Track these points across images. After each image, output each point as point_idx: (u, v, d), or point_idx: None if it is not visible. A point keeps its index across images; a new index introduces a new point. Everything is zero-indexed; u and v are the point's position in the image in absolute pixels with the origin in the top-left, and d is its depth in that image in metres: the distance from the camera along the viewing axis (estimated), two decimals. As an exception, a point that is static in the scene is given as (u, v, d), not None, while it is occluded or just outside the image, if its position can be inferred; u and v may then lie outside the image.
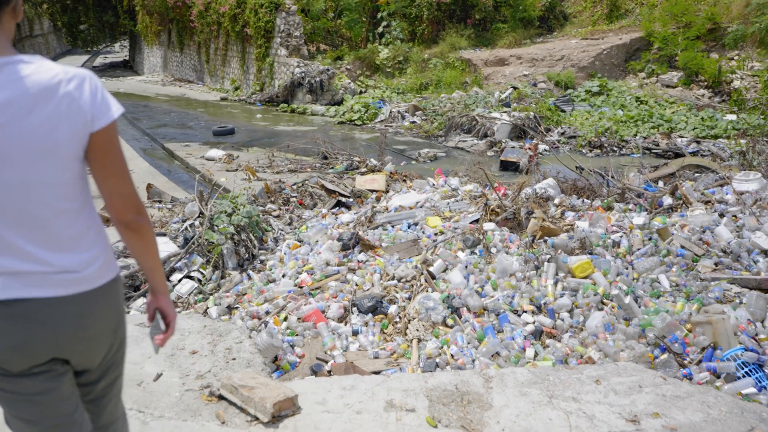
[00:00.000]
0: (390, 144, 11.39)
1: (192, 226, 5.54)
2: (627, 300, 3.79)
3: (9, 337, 1.42)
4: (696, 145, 10.13)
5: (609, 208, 5.67)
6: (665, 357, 3.34)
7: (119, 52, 43.40)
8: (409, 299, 4.21)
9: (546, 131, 11.81)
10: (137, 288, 4.69)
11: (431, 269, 4.47)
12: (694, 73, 14.18)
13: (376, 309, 4.11)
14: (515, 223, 5.15)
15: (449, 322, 3.89)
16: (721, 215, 4.99)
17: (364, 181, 7.27)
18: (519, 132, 11.60)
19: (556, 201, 5.87)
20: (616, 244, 4.68)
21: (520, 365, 3.29)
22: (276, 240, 5.67)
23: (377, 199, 6.76)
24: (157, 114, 16.38)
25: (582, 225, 5.03)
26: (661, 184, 6.48)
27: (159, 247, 4.88)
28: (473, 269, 4.43)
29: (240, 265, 5.18)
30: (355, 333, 3.92)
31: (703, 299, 3.80)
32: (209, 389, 2.74)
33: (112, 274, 1.58)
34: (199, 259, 5.01)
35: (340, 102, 16.55)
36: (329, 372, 3.47)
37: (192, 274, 4.85)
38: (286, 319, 4.09)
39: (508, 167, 9.15)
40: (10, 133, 1.36)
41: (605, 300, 3.94)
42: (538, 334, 3.67)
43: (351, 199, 6.83)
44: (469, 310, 3.92)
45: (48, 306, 1.44)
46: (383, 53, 18.34)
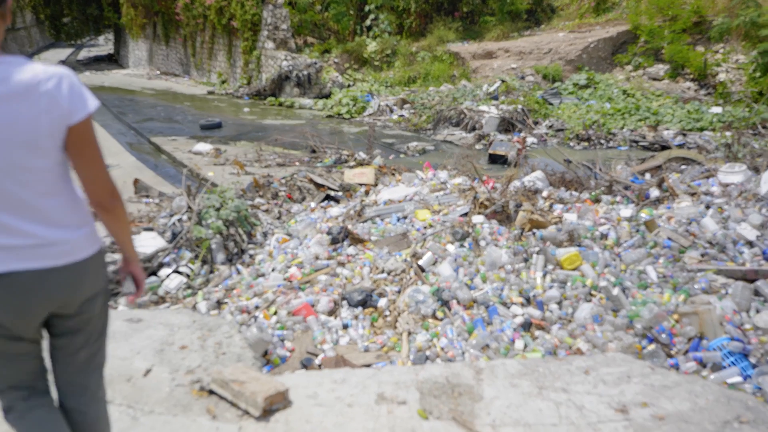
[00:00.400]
0: (379, 137, 11.37)
1: (180, 220, 5.50)
2: (615, 291, 3.82)
3: (7, 307, 1.62)
4: (682, 138, 10.21)
5: (597, 200, 5.71)
6: (653, 347, 3.37)
7: (104, 45, 42.82)
8: (399, 292, 4.21)
9: (534, 124, 11.85)
10: (125, 283, 4.65)
11: (421, 262, 4.47)
12: (680, 66, 14.27)
13: (365, 302, 4.11)
14: (504, 216, 5.16)
15: (439, 314, 3.90)
16: (707, 207, 5.05)
17: (353, 175, 7.25)
18: (507, 125, 11.63)
19: (544, 194, 5.89)
20: (603, 236, 4.71)
21: (509, 357, 3.31)
22: (265, 234, 5.65)
23: (366, 193, 6.75)
24: (143, 108, 16.20)
25: (570, 217, 5.05)
26: (648, 176, 6.53)
27: (147, 242, 4.80)
28: (462, 262, 4.44)
29: (229, 260, 5.15)
30: (345, 326, 3.92)
31: (690, 290, 3.85)
32: (200, 384, 2.73)
33: (96, 246, 1.77)
34: (188, 254, 4.98)
35: (328, 95, 16.47)
36: (320, 366, 3.47)
37: (180, 269, 4.81)
38: (275, 314, 4.08)
39: (496, 160, 9.16)
40: None
41: (593, 291, 3.97)
42: (527, 326, 3.69)
43: (340, 193, 6.81)
44: (459, 302, 3.94)
45: (40, 276, 1.63)
46: (371, 46, 18.27)
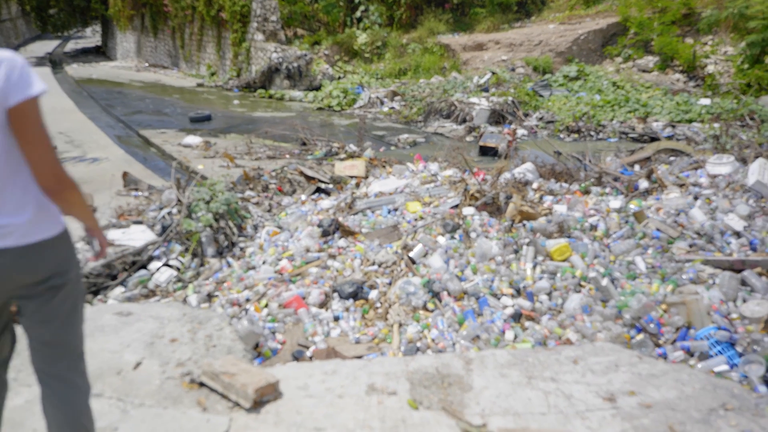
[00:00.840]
0: (369, 130, 11.34)
1: (170, 214, 5.48)
2: (604, 282, 3.85)
3: None
4: (671, 130, 10.27)
5: (586, 192, 5.74)
6: (641, 337, 3.40)
7: (91, 37, 42.37)
8: (390, 284, 4.22)
9: (524, 116, 11.86)
10: (114, 277, 4.63)
11: (411, 254, 4.48)
12: (669, 58, 14.33)
13: (356, 294, 4.11)
14: (494, 208, 5.18)
15: (430, 306, 3.92)
16: (696, 198, 5.08)
17: (343, 167, 7.23)
18: (498, 117, 11.64)
19: (534, 185, 5.91)
20: (593, 227, 4.74)
21: (499, 348, 3.33)
22: (255, 227, 5.64)
23: (357, 185, 6.74)
24: (132, 101, 16.05)
25: (560, 209, 5.08)
26: (637, 167, 6.56)
27: (137, 236, 4.79)
28: (453, 254, 4.45)
29: (219, 253, 5.14)
30: (336, 319, 3.92)
31: (678, 280, 3.88)
32: (190, 376, 2.73)
33: (55, 230, 1.80)
34: (178, 247, 4.96)
35: (318, 88, 16.40)
36: (311, 358, 3.48)
37: (171, 262, 4.80)
38: (266, 306, 4.08)
39: (487, 152, 9.17)
40: None
41: (583, 282, 4.00)
42: (517, 316, 3.71)
43: (330, 186, 6.80)
44: (450, 294, 3.95)
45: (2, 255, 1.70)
46: (361, 38, 18.19)
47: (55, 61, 28.97)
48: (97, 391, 2.59)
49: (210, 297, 4.38)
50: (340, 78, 16.91)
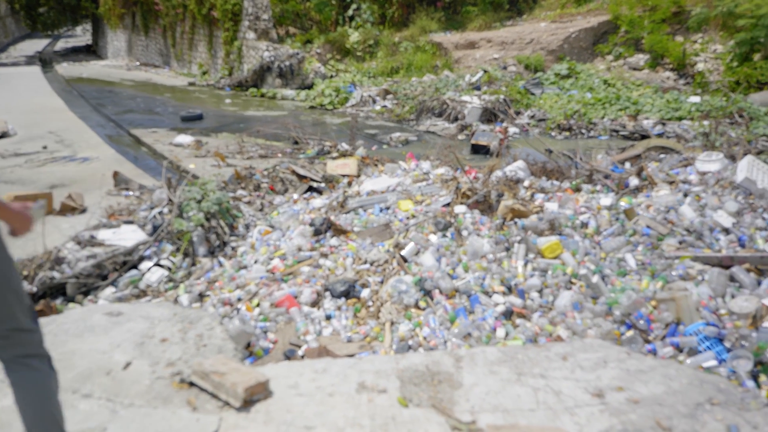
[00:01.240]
0: (361, 128, 11.33)
1: (161, 213, 5.46)
2: (594, 279, 3.87)
3: None
4: (661, 127, 10.32)
5: (577, 189, 5.76)
6: (631, 333, 3.43)
7: (81, 36, 42.09)
8: (382, 283, 4.23)
9: (516, 114, 11.89)
10: (105, 277, 4.61)
11: (403, 253, 4.49)
12: (659, 56, 14.39)
13: (348, 293, 4.12)
14: (486, 206, 5.19)
15: (421, 304, 3.93)
16: (685, 195, 5.12)
17: (335, 166, 7.23)
18: (489, 115, 11.65)
19: (525, 183, 5.93)
20: (584, 224, 4.76)
21: (491, 345, 3.35)
22: (247, 226, 5.63)
23: (349, 184, 6.74)
24: (123, 100, 15.97)
25: (551, 206, 5.10)
26: (628, 165, 6.60)
27: (127, 236, 4.77)
28: (445, 252, 4.46)
29: (211, 252, 5.13)
30: (328, 317, 3.93)
31: (668, 277, 3.91)
32: (180, 376, 2.72)
33: None
34: (169, 247, 4.95)
35: (310, 86, 16.37)
36: (303, 357, 3.48)
37: (162, 262, 4.78)
38: (258, 305, 4.08)
39: (479, 150, 9.19)
40: None
41: (573, 279, 4.02)
42: (508, 314, 3.73)
43: (322, 184, 6.79)
44: (441, 292, 3.96)
45: None
46: (353, 37, 18.17)
47: (45, 60, 28.78)
48: (87, 392, 2.58)
49: (201, 297, 4.37)
50: (332, 76, 16.88)
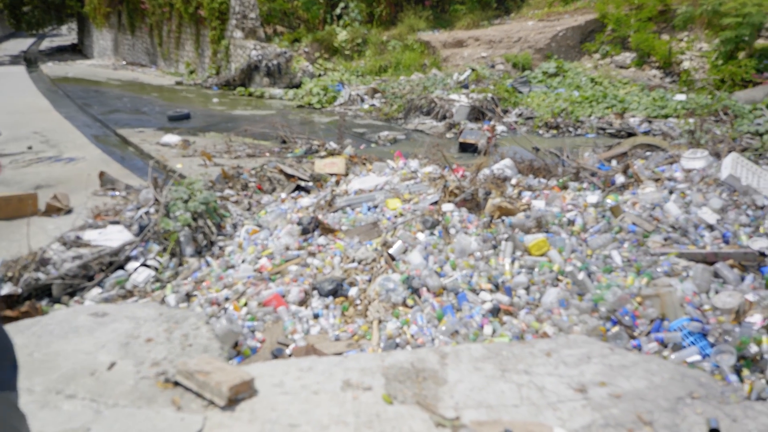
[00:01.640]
0: (349, 127, 11.32)
1: (147, 213, 5.43)
2: (580, 276, 3.90)
3: None
4: (648, 125, 10.39)
5: (564, 187, 5.80)
6: (616, 329, 3.45)
7: (67, 35, 41.72)
8: (370, 281, 4.23)
9: (504, 113, 11.93)
10: (91, 278, 4.57)
11: (391, 251, 4.49)
12: (646, 54, 14.49)
13: (336, 292, 4.12)
14: (474, 204, 5.21)
15: (409, 302, 3.93)
16: (671, 192, 5.16)
17: (323, 165, 7.22)
18: (477, 114, 11.68)
19: (513, 181, 5.96)
20: (571, 222, 4.79)
21: (477, 342, 3.36)
22: (235, 226, 5.61)
23: (337, 183, 6.73)
24: (109, 99, 15.84)
25: (538, 204, 5.13)
26: (614, 163, 6.64)
27: (114, 236, 4.77)
28: (432, 250, 4.47)
29: (198, 252, 5.10)
30: (316, 316, 3.93)
31: (653, 273, 3.94)
32: (165, 376, 2.71)
33: None
34: (156, 247, 4.92)
35: (298, 85, 16.32)
36: (290, 355, 3.47)
37: (148, 262, 4.75)
38: (246, 305, 4.07)
39: (466, 149, 9.21)
40: None
41: (560, 276, 4.05)
42: (495, 311, 3.75)
43: (310, 183, 6.78)
44: (429, 290, 3.97)
45: None
46: (341, 35, 18.14)
47: (30, 60, 28.50)
48: (71, 393, 2.56)
49: (189, 296, 4.35)
50: (320, 75, 16.84)
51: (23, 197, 6.09)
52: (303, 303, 4.11)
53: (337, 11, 19.12)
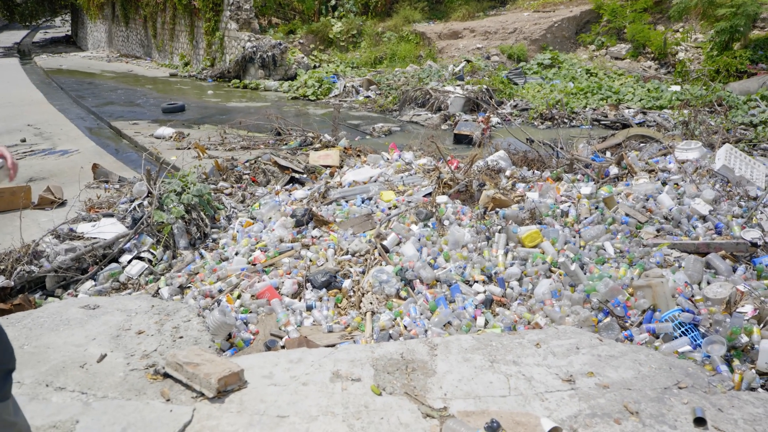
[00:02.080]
0: (344, 119, 11.29)
1: (140, 206, 5.41)
2: (573, 267, 3.90)
3: None
4: (642, 116, 10.39)
5: (558, 178, 5.79)
6: (608, 320, 3.46)
7: (61, 27, 41.41)
8: (363, 273, 4.23)
9: (498, 104, 11.91)
10: (84, 270, 4.56)
11: (385, 243, 4.49)
12: (641, 45, 14.47)
13: (330, 284, 4.12)
14: (467, 196, 5.21)
15: (402, 294, 3.94)
16: (664, 183, 5.17)
17: (317, 157, 7.19)
18: (472, 105, 11.66)
19: (507, 173, 5.95)
20: (564, 213, 4.79)
21: (469, 334, 3.36)
22: (229, 218, 5.60)
23: (331, 175, 6.71)
24: (103, 91, 15.77)
25: (532, 196, 5.13)
26: (609, 154, 6.64)
27: (107, 229, 4.76)
28: (426, 242, 4.47)
29: (192, 245, 5.09)
30: (309, 308, 3.92)
31: (645, 264, 3.95)
32: (154, 368, 2.71)
33: None
34: (149, 240, 4.91)
35: (293, 77, 16.25)
36: (283, 347, 3.47)
37: (142, 254, 4.75)
38: (239, 297, 4.07)
39: (461, 140, 9.20)
40: None
41: (553, 268, 4.05)
42: (488, 303, 3.75)
43: (305, 175, 6.76)
44: (422, 281, 3.98)
45: None
46: (336, 27, 18.05)
47: (24, 52, 28.32)
48: (60, 385, 2.56)
49: (182, 289, 4.35)
50: (315, 67, 16.77)
51: (16, 190, 6.06)
52: (296, 295, 4.11)
53: (332, 2, 19.03)
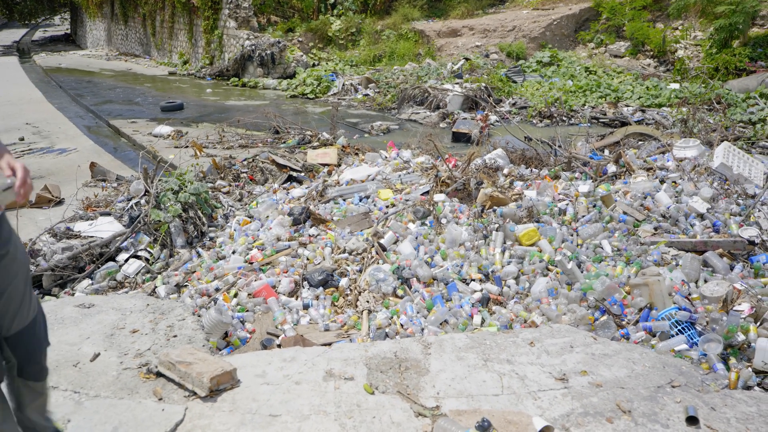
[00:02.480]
0: (343, 117, 11.27)
1: (138, 204, 5.40)
2: (569, 265, 3.89)
3: None
4: (641, 114, 10.37)
5: (556, 176, 5.78)
6: (605, 319, 3.45)
7: (60, 25, 41.37)
8: (360, 271, 4.23)
9: (497, 102, 11.89)
10: (81, 269, 4.56)
11: (382, 241, 4.48)
12: (640, 43, 14.45)
13: (327, 282, 4.11)
14: (465, 194, 5.20)
15: (399, 292, 3.93)
16: (662, 181, 5.15)
17: (315, 155, 7.18)
18: (471, 103, 11.64)
19: (505, 171, 5.94)
20: (562, 211, 4.78)
21: (465, 332, 3.35)
22: (226, 216, 5.59)
23: (329, 173, 6.70)
24: (102, 90, 15.75)
25: (530, 194, 5.11)
26: (607, 152, 6.63)
27: (104, 227, 4.76)
28: (423, 240, 4.46)
29: (189, 243, 5.08)
30: (306, 307, 3.92)
31: (642, 262, 3.94)
32: (147, 367, 2.70)
33: None
34: (146, 238, 4.91)
35: (292, 75, 16.23)
36: (279, 346, 3.46)
37: (139, 253, 4.74)
38: (236, 296, 4.06)
39: (460, 138, 9.18)
40: None
41: (550, 266, 4.04)
42: (485, 301, 3.74)
43: (302, 174, 6.75)
44: (419, 280, 3.97)
45: None
46: (335, 25, 18.02)
47: (23, 50, 28.30)
48: (53, 384, 2.55)
49: (179, 287, 4.34)
50: (314, 65, 16.74)
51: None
52: (293, 294, 4.10)
53: (332, 0, 18.98)
